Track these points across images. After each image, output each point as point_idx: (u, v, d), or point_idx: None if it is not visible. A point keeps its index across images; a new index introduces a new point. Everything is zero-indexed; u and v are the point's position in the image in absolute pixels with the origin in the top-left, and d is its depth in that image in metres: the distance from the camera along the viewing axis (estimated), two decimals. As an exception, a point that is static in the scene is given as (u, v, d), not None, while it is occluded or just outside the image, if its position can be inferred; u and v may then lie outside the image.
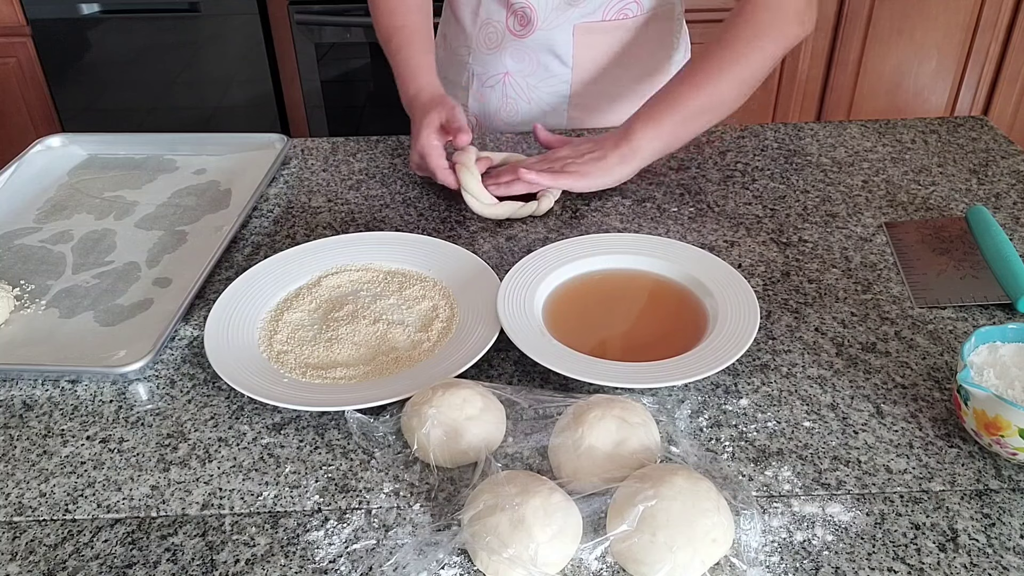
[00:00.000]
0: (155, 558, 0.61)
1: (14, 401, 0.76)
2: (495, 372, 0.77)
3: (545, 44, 1.18)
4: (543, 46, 1.18)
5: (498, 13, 1.18)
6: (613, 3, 1.15)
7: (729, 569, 0.59)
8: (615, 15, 1.16)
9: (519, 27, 1.17)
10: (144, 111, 2.39)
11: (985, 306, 0.83)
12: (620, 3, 1.16)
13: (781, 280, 0.88)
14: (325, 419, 0.73)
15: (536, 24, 1.16)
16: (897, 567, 0.59)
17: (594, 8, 1.15)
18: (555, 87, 1.22)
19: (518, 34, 1.18)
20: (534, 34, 1.17)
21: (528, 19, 1.16)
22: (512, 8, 1.16)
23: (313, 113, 2.37)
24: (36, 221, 1.03)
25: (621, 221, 0.99)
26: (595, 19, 1.16)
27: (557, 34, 1.17)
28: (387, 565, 0.60)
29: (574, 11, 1.15)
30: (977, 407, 0.64)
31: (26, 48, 2.26)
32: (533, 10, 1.15)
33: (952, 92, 2.35)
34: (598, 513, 0.61)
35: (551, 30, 1.16)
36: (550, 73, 1.21)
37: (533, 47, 1.19)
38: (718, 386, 0.75)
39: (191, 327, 0.84)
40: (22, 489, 0.68)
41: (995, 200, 1.01)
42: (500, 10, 1.18)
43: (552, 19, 1.16)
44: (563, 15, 1.15)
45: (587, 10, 1.15)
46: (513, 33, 1.18)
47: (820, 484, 0.65)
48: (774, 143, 1.15)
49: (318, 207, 1.04)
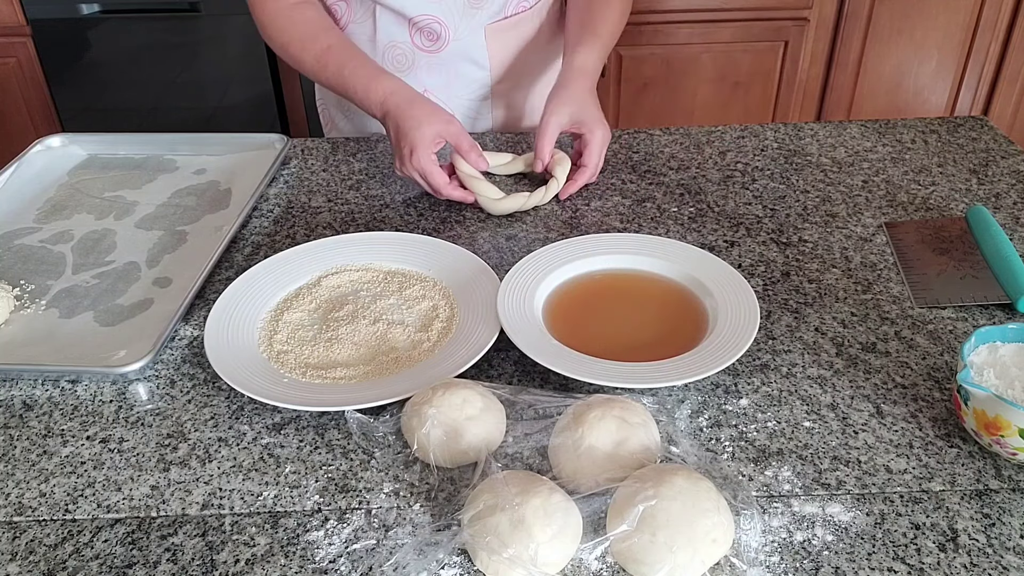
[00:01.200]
0: (155, 558, 0.61)
1: (14, 401, 0.76)
2: (495, 372, 0.77)
3: (459, 54, 1.16)
4: (457, 56, 1.16)
5: (400, 33, 1.14)
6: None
7: (729, 569, 0.59)
8: (515, 8, 1.16)
9: (429, 43, 1.14)
10: (144, 111, 2.38)
11: (985, 306, 0.83)
12: None
13: (781, 280, 0.88)
14: (325, 419, 0.73)
15: (448, 38, 1.14)
16: (897, 567, 0.59)
17: (499, 6, 1.14)
18: (475, 91, 1.21)
19: (429, 50, 1.15)
20: (448, 47, 1.15)
21: (437, 34, 1.13)
22: (416, 25, 1.13)
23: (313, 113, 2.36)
24: (36, 221, 1.03)
25: (621, 221, 0.99)
26: (501, 17, 1.15)
27: (469, 41, 1.15)
28: (387, 565, 0.60)
29: (481, 14, 1.14)
30: (977, 407, 0.64)
31: (26, 48, 2.26)
32: (443, 24, 1.12)
33: (952, 92, 2.35)
34: (598, 513, 0.61)
35: (462, 39, 1.15)
36: (469, 79, 1.19)
37: (447, 59, 1.16)
38: (718, 386, 0.75)
39: (191, 327, 0.84)
40: (22, 489, 0.68)
41: (995, 200, 1.01)
42: (401, 30, 1.14)
43: (462, 28, 1.14)
44: (472, 21, 1.14)
45: (493, 10, 1.14)
46: (423, 50, 1.15)
47: (820, 484, 0.65)
48: (774, 143, 1.15)
49: (318, 207, 1.04)
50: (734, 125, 1.19)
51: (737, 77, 2.28)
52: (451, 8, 1.12)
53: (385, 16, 1.13)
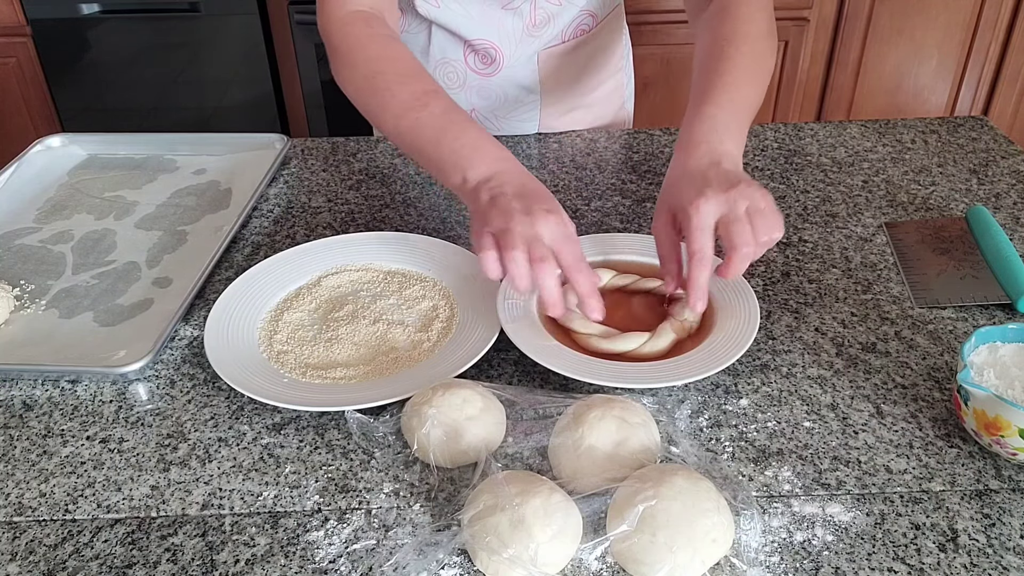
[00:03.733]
0: (155, 558, 0.61)
1: (14, 401, 0.76)
2: (495, 372, 0.77)
3: (511, 79, 1.14)
4: (508, 81, 1.14)
5: (454, 51, 1.11)
6: (572, 23, 1.12)
7: (729, 569, 0.59)
8: (574, 33, 1.13)
9: (482, 66, 1.11)
10: (144, 111, 2.38)
11: (985, 306, 0.83)
12: (577, 20, 1.12)
13: (781, 280, 0.88)
14: (325, 419, 0.73)
15: (502, 63, 1.12)
16: (897, 567, 0.59)
17: (556, 32, 1.12)
18: (525, 114, 1.19)
19: (482, 73, 1.12)
20: (500, 72, 1.13)
21: (492, 59, 1.11)
22: (472, 47, 1.10)
23: (313, 113, 2.37)
24: (36, 221, 1.03)
25: (621, 221, 0.99)
26: (557, 43, 1.13)
27: (522, 67, 1.13)
28: (387, 565, 0.60)
29: (537, 41, 1.11)
30: (977, 407, 0.64)
31: (26, 48, 2.26)
32: (498, 50, 1.10)
33: (952, 92, 2.35)
34: (598, 513, 0.61)
35: (516, 66, 1.13)
36: (519, 103, 1.18)
37: (500, 84, 1.14)
38: (718, 386, 0.75)
39: (191, 327, 0.84)
40: (22, 489, 0.68)
41: (995, 200, 1.01)
42: (456, 48, 1.11)
43: (517, 54, 1.12)
44: (528, 47, 1.11)
45: (549, 36, 1.12)
46: (477, 72, 1.13)
47: (820, 484, 0.65)
48: (774, 143, 1.15)
49: (318, 207, 1.04)
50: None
51: (737, 77, 2.27)
52: (509, 35, 1.09)
53: (440, 33, 1.11)
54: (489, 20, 1.08)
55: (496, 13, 1.07)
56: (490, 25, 1.08)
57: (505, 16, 1.08)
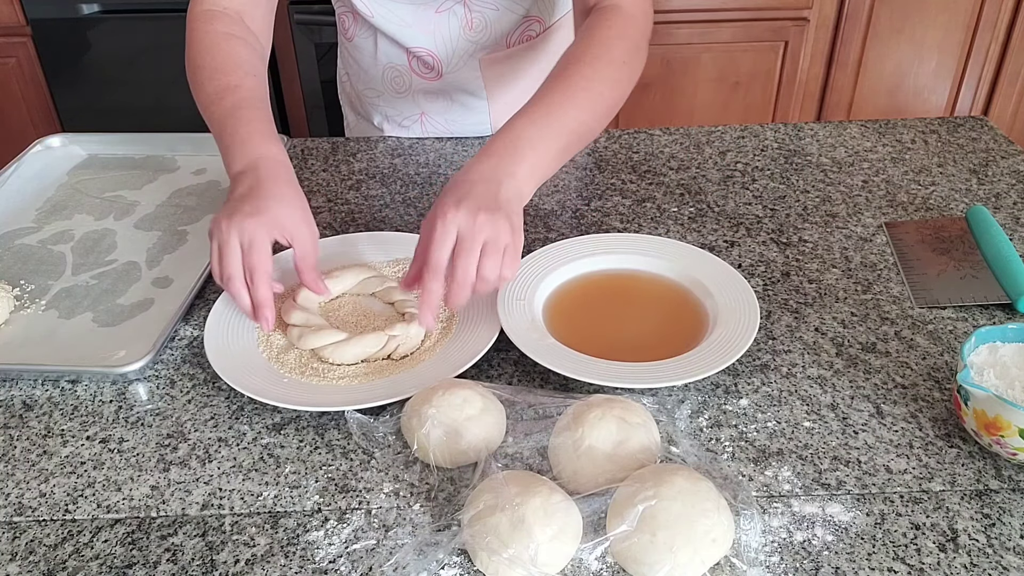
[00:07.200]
0: (155, 558, 0.61)
1: (14, 401, 0.76)
2: (495, 372, 0.77)
3: (455, 85, 1.14)
4: (454, 87, 1.14)
5: (398, 57, 1.12)
6: (517, 30, 1.11)
7: (729, 569, 0.59)
8: (519, 39, 1.12)
9: (425, 71, 1.11)
10: (144, 111, 2.38)
11: (985, 306, 0.83)
12: (522, 27, 1.11)
13: (781, 280, 0.88)
14: (325, 419, 0.73)
15: (441, 70, 1.11)
16: (897, 567, 0.59)
17: (496, 39, 1.10)
18: (475, 118, 1.18)
19: (427, 77, 1.12)
20: (443, 78, 1.12)
21: (431, 66, 1.11)
22: (413, 54, 1.10)
23: (313, 113, 2.37)
24: (36, 221, 1.03)
25: (621, 221, 0.99)
26: (499, 49, 1.12)
27: (464, 73, 1.12)
28: (387, 565, 0.60)
29: (475, 47, 1.10)
30: (977, 407, 0.64)
31: (26, 48, 2.26)
32: (435, 57, 1.10)
33: (952, 92, 2.35)
34: (598, 513, 0.61)
35: (457, 72, 1.12)
36: (468, 108, 1.17)
37: (444, 88, 1.14)
38: (718, 386, 0.75)
39: (191, 327, 0.84)
40: (22, 489, 0.68)
41: (995, 200, 1.01)
42: (400, 53, 1.11)
43: (456, 62, 1.11)
44: (466, 53, 1.10)
45: (490, 42, 1.10)
46: (421, 76, 1.13)
47: (820, 484, 0.65)
48: (774, 143, 1.15)
49: (318, 207, 1.04)
50: (734, 125, 1.19)
51: (737, 77, 2.28)
52: (446, 40, 1.09)
53: (384, 39, 1.11)
54: (424, 26, 1.08)
55: (431, 17, 1.07)
56: (426, 32, 1.08)
57: (440, 20, 1.07)
